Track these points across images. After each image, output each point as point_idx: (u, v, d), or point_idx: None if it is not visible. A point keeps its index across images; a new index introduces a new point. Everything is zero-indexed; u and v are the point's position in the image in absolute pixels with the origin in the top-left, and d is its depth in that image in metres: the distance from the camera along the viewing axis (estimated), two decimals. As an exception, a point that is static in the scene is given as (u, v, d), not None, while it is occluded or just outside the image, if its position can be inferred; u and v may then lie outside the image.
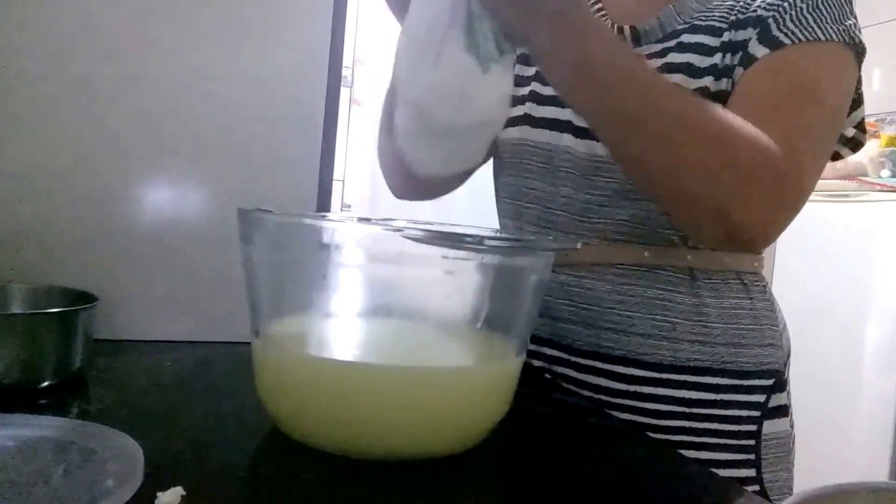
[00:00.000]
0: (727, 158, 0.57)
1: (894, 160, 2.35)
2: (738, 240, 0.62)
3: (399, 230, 0.54)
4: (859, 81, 0.71)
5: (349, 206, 2.74)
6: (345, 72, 0.83)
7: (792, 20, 0.67)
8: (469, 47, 0.51)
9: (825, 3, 0.67)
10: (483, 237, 0.49)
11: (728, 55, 0.70)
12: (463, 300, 0.53)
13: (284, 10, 0.76)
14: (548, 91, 0.78)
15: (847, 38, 0.67)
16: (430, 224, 0.62)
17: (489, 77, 0.52)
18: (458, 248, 0.48)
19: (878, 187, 2.18)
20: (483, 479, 0.49)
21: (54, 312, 0.58)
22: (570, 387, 0.76)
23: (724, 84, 0.69)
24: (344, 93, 0.78)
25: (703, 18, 0.73)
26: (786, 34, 0.66)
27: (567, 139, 0.76)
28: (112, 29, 0.71)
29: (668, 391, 0.71)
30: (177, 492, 0.38)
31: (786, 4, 0.68)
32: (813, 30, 0.66)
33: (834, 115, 0.67)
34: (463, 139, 0.55)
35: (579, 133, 0.75)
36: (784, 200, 0.61)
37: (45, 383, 0.56)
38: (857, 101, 0.73)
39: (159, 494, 0.38)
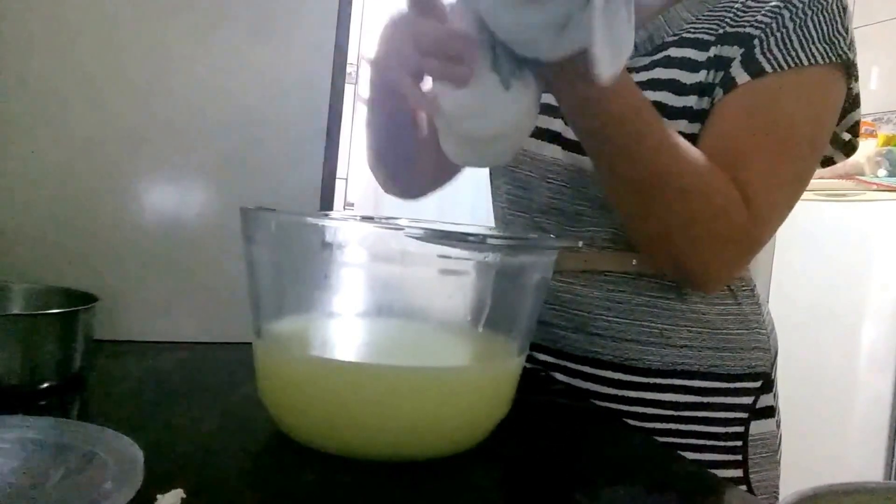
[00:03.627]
0: (689, 218, 0.62)
1: (891, 159, 2.35)
2: (692, 285, 0.71)
3: (401, 229, 0.54)
4: (851, 90, 0.71)
5: (352, 205, 2.73)
6: (350, 69, 0.83)
7: (777, 44, 0.67)
8: (493, 65, 0.52)
9: (814, 20, 0.67)
10: (485, 236, 0.49)
11: (712, 71, 0.69)
12: (465, 299, 0.53)
13: (289, 7, 0.76)
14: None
15: (834, 57, 0.66)
16: (433, 223, 0.62)
17: (510, 93, 0.53)
18: (461, 248, 0.48)
19: (875, 186, 2.18)
20: (483, 480, 0.49)
21: (54, 313, 0.57)
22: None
23: (705, 103, 0.69)
24: (349, 90, 0.78)
25: (692, 30, 0.72)
26: (768, 60, 0.66)
27: (554, 150, 0.76)
28: (113, 27, 0.71)
29: (657, 395, 0.72)
30: (177, 494, 0.38)
31: (774, 24, 0.67)
32: (797, 54, 0.66)
33: (810, 149, 0.69)
34: (486, 145, 0.57)
35: (567, 146, 0.75)
36: (740, 256, 0.67)
37: (45, 384, 0.55)
38: (854, 104, 0.73)
39: (159, 496, 0.37)
